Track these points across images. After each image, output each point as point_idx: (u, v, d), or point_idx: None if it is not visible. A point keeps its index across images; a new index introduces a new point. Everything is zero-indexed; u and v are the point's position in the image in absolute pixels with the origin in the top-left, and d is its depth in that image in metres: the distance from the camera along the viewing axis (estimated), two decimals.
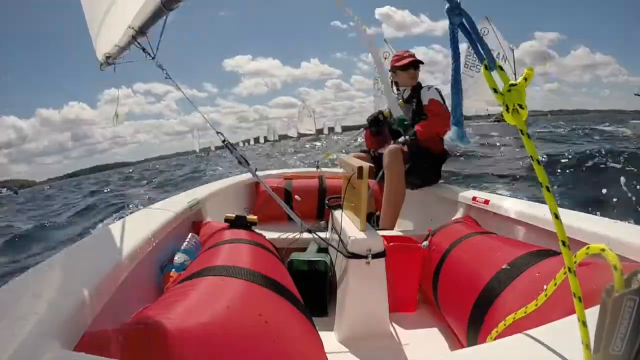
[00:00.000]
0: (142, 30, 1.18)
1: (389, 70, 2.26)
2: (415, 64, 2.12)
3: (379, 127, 2.24)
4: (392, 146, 1.92)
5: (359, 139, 2.96)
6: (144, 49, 1.28)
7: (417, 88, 2.13)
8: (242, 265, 0.84)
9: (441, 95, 2.03)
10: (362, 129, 2.38)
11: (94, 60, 1.44)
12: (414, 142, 1.95)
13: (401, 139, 2.00)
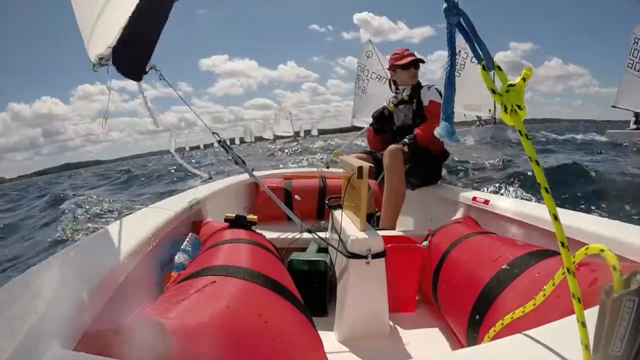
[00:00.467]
0: None
1: (388, 69, 2.25)
2: (416, 63, 2.11)
3: (384, 124, 2.23)
4: (392, 146, 1.92)
5: (359, 142, 2.94)
6: None
7: (417, 87, 2.13)
8: (242, 265, 0.84)
9: (441, 95, 2.01)
10: (368, 126, 2.37)
11: (86, 61, 1.41)
12: (413, 143, 1.95)
13: (402, 140, 2.00)
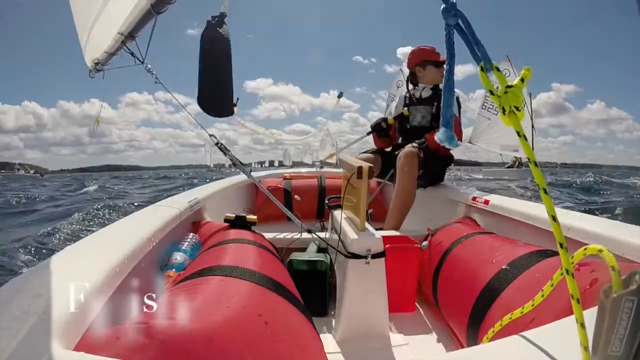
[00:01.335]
0: (131, 35, 1.18)
1: (417, 65, 2.14)
2: None
3: (383, 135, 2.22)
4: (408, 149, 1.89)
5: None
6: (132, 54, 1.28)
7: (436, 88, 2.10)
8: (241, 265, 0.84)
9: (459, 105, 2.01)
10: (366, 134, 2.35)
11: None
12: (425, 147, 1.94)
13: (413, 144, 1.96)
